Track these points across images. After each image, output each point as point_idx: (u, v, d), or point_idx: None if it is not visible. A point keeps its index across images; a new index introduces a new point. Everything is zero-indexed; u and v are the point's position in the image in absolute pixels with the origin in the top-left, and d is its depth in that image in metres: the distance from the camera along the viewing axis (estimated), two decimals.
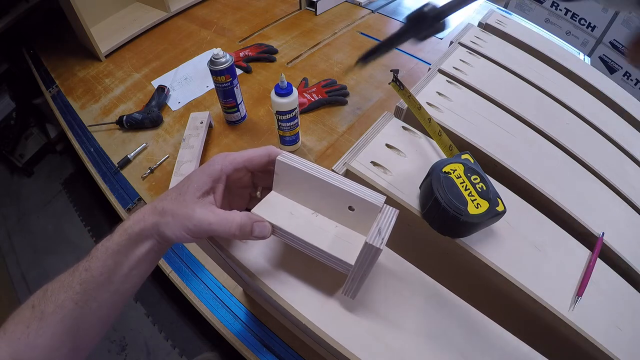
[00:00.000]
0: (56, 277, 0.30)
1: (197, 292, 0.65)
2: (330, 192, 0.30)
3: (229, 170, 0.32)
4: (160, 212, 0.30)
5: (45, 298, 0.28)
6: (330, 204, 0.32)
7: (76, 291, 0.29)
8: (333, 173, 0.31)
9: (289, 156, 0.32)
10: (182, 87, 1.04)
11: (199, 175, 0.31)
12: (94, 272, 0.29)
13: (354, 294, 0.32)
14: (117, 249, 0.30)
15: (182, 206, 0.30)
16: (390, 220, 0.29)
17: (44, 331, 0.27)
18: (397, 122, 0.50)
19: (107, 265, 0.29)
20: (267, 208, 0.33)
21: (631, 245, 0.46)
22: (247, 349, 0.59)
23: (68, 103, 1.03)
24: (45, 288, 0.29)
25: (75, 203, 1.45)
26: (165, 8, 1.24)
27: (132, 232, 0.30)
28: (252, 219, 0.30)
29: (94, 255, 0.30)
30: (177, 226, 0.30)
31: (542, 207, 0.45)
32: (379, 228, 0.28)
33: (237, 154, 0.33)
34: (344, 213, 0.31)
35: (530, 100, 0.59)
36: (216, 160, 0.32)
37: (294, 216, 0.33)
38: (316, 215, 0.33)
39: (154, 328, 1.14)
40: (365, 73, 1.05)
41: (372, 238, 0.27)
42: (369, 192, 0.30)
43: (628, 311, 0.39)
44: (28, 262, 1.31)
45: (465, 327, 0.32)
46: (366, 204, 0.29)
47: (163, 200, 0.31)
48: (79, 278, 0.29)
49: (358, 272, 0.29)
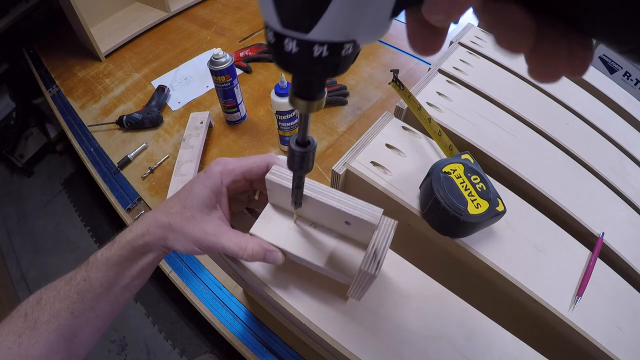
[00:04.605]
0: (50, 284, 0.30)
1: (197, 292, 0.65)
2: (324, 208, 0.30)
3: (228, 182, 0.32)
4: (167, 227, 0.30)
5: (39, 307, 0.28)
6: (326, 217, 0.32)
7: (73, 300, 0.28)
8: (326, 188, 0.30)
9: (280, 173, 0.31)
10: (182, 87, 1.04)
11: (201, 189, 0.31)
12: (94, 282, 0.29)
13: (359, 297, 0.32)
14: (119, 260, 0.30)
15: (191, 223, 0.30)
16: (388, 237, 0.28)
17: (37, 341, 0.27)
18: (397, 122, 0.50)
19: (107, 276, 0.29)
20: (265, 225, 0.33)
21: (631, 245, 0.46)
22: (247, 349, 0.59)
23: (68, 103, 1.03)
24: (39, 296, 0.29)
25: (75, 203, 1.45)
26: (165, 8, 1.24)
27: (136, 244, 0.30)
28: (264, 247, 0.30)
29: (93, 265, 0.29)
30: (189, 242, 0.30)
31: (542, 207, 0.45)
32: (375, 250, 0.27)
33: (236, 163, 0.32)
34: (342, 225, 0.31)
35: (530, 100, 0.59)
36: (216, 171, 0.31)
37: (292, 230, 0.32)
38: (314, 227, 0.33)
39: (154, 328, 1.14)
40: (365, 73, 1.05)
41: (367, 263, 0.26)
42: (365, 207, 0.29)
43: (628, 311, 0.39)
44: (28, 262, 1.32)
45: (465, 327, 0.32)
46: (362, 221, 0.29)
47: (168, 215, 0.30)
48: (76, 287, 0.29)
49: (361, 283, 0.29)
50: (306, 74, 0.19)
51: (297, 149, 0.24)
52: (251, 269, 0.34)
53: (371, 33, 0.16)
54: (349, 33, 0.16)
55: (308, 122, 0.23)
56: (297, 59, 0.16)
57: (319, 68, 0.17)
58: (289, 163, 0.26)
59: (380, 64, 1.08)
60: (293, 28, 0.15)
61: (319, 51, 0.16)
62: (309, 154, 0.24)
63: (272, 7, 0.15)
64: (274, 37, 0.16)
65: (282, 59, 0.17)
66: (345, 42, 0.16)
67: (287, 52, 0.16)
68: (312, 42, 0.16)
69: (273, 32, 0.16)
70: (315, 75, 0.18)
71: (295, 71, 0.18)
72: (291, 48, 0.16)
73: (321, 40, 0.16)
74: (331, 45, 0.16)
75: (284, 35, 0.16)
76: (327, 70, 0.17)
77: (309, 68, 0.17)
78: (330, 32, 0.15)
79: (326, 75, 0.18)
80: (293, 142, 0.24)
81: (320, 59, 0.16)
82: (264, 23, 0.17)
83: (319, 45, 0.16)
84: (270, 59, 0.19)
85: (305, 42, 0.16)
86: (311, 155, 0.25)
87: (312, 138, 0.24)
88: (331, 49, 0.16)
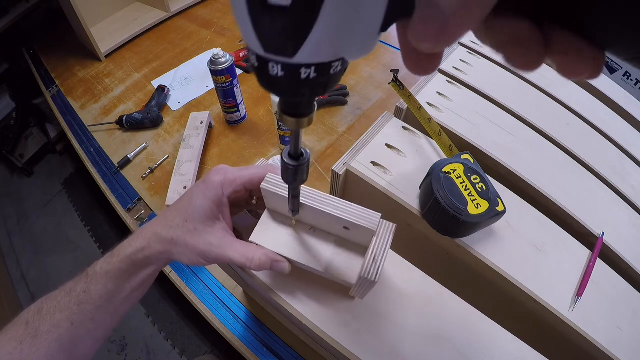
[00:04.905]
0: (51, 294, 0.30)
1: (197, 292, 0.65)
2: (322, 214, 0.30)
3: (229, 193, 0.32)
4: (170, 242, 0.30)
5: (40, 316, 0.28)
6: (325, 223, 0.32)
7: (73, 312, 0.28)
8: (323, 195, 0.30)
9: (275, 181, 0.31)
10: (182, 87, 1.04)
11: (201, 200, 0.30)
12: (93, 295, 0.29)
13: (362, 296, 0.32)
14: (118, 274, 0.30)
15: (195, 236, 0.29)
16: (387, 242, 0.28)
17: (38, 349, 0.27)
18: (397, 122, 0.50)
19: (107, 289, 0.29)
20: (264, 231, 0.32)
21: (631, 245, 0.46)
22: (247, 349, 0.59)
23: (68, 103, 1.03)
24: (40, 305, 0.29)
25: (75, 203, 1.45)
26: (165, 8, 1.24)
27: (136, 258, 0.30)
28: (270, 257, 0.30)
29: (92, 278, 0.29)
30: (193, 255, 0.30)
31: (542, 207, 0.45)
32: (374, 256, 0.27)
33: (237, 173, 0.32)
34: (341, 229, 0.31)
35: (530, 100, 0.59)
36: (216, 181, 0.31)
37: (291, 236, 0.32)
38: (313, 231, 0.33)
39: (154, 328, 1.14)
40: (365, 73, 1.05)
41: (367, 269, 0.26)
42: (362, 212, 0.29)
43: (628, 311, 0.39)
44: (28, 262, 1.31)
45: (465, 327, 0.32)
46: (360, 227, 0.29)
47: (169, 229, 0.30)
48: (76, 299, 0.29)
49: (362, 287, 0.29)
50: (294, 96, 0.18)
51: (290, 162, 0.24)
52: (251, 271, 0.34)
53: (360, 50, 0.15)
54: (336, 52, 0.15)
55: (299, 137, 0.22)
56: (283, 82, 0.16)
57: (307, 90, 0.16)
58: (283, 176, 0.25)
59: (380, 64, 1.08)
60: (277, 53, 0.14)
61: (306, 73, 0.15)
62: (303, 166, 0.24)
63: (252, 32, 0.14)
64: (258, 61, 0.15)
65: (267, 83, 0.16)
66: (334, 62, 0.15)
67: (272, 76, 0.15)
68: (299, 65, 0.15)
69: (256, 56, 0.15)
70: (304, 97, 0.17)
71: (283, 94, 0.18)
72: (277, 72, 0.15)
73: (308, 63, 0.15)
74: (319, 66, 0.15)
75: (268, 60, 0.15)
76: (316, 90, 0.17)
77: (297, 90, 0.16)
78: (317, 54, 0.14)
79: (315, 95, 0.17)
80: (286, 155, 0.24)
81: (308, 81, 0.15)
82: (246, 46, 0.16)
83: (306, 67, 0.15)
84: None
85: (291, 66, 0.15)
86: (305, 168, 0.24)
87: (304, 150, 0.24)
88: (319, 70, 0.15)
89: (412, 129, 0.49)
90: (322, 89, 0.17)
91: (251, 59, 0.16)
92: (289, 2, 0.12)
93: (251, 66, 0.16)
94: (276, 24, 0.13)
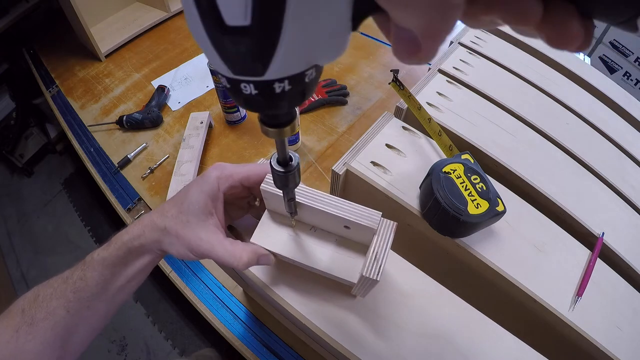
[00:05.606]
0: (47, 281, 0.30)
1: (197, 292, 0.65)
2: (322, 214, 0.30)
3: (225, 188, 0.32)
4: (163, 230, 0.30)
5: (36, 304, 0.28)
6: (325, 222, 0.32)
7: (69, 299, 0.28)
8: (322, 194, 0.30)
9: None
10: (182, 87, 1.04)
11: (197, 194, 0.30)
12: (90, 282, 0.29)
13: (364, 295, 0.32)
14: (114, 261, 0.30)
15: (186, 228, 0.29)
16: (388, 240, 0.28)
17: (34, 337, 0.27)
18: (397, 122, 0.50)
19: (103, 276, 0.29)
20: (265, 232, 0.32)
21: (631, 245, 0.46)
22: (247, 349, 0.59)
23: (68, 103, 1.03)
24: (37, 293, 0.29)
25: (75, 203, 1.45)
26: (165, 8, 1.24)
27: (131, 246, 0.30)
28: (257, 253, 0.30)
29: (89, 265, 0.30)
30: (182, 247, 0.29)
31: (542, 207, 0.45)
32: (376, 254, 0.27)
33: (234, 169, 0.32)
34: (342, 228, 0.31)
35: (530, 100, 0.59)
36: (213, 176, 0.31)
37: (291, 236, 0.32)
38: (314, 230, 0.33)
39: (154, 328, 1.14)
40: (365, 73, 1.05)
41: (369, 268, 0.26)
42: (363, 211, 0.29)
43: (628, 311, 0.39)
44: (28, 262, 1.32)
45: (465, 327, 0.32)
46: (360, 226, 0.29)
47: (164, 218, 0.30)
48: (72, 286, 0.29)
49: (363, 286, 0.29)
50: (273, 110, 0.18)
51: (279, 169, 0.24)
52: (251, 269, 0.34)
53: (332, 53, 0.15)
54: (308, 61, 0.15)
55: (285, 144, 0.22)
56: (259, 99, 0.15)
57: (285, 102, 0.16)
58: (275, 183, 0.25)
59: (380, 64, 1.08)
60: (246, 74, 0.14)
61: (280, 87, 0.15)
62: (293, 172, 0.24)
63: (217, 56, 0.14)
64: (229, 84, 0.15)
65: (244, 102, 0.16)
66: (306, 70, 0.15)
67: (246, 95, 0.15)
68: (271, 81, 0.14)
69: (226, 78, 0.15)
70: (282, 110, 0.17)
71: (261, 110, 0.17)
72: (250, 91, 0.15)
73: (280, 78, 0.14)
74: (292, 78, 0.15)
75: (239, 81, 0.15)
76: (294, 100, 0.16)
77: (275, 104, 0.16)
78: (287, 68, 0.14)
79: (295, 105, 0.17)
80: (274, 163, 0.24)
81: (283, 94, 0.15)
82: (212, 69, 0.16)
83: (279, 82, 0.15)
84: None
85: (263, 83, 0.15)
86: (296, 173, 0.24)
87: (293, 155, 0.24)
88: (293, 81, 0.15)
89: (412, 129, 0.49)
90: (300, 98, 0.17)
91: (222, 81, 0.16)
92: (248, 22, 0.12)
93: (223, 87, 0.16)
94: (240, 45, 0.13)
